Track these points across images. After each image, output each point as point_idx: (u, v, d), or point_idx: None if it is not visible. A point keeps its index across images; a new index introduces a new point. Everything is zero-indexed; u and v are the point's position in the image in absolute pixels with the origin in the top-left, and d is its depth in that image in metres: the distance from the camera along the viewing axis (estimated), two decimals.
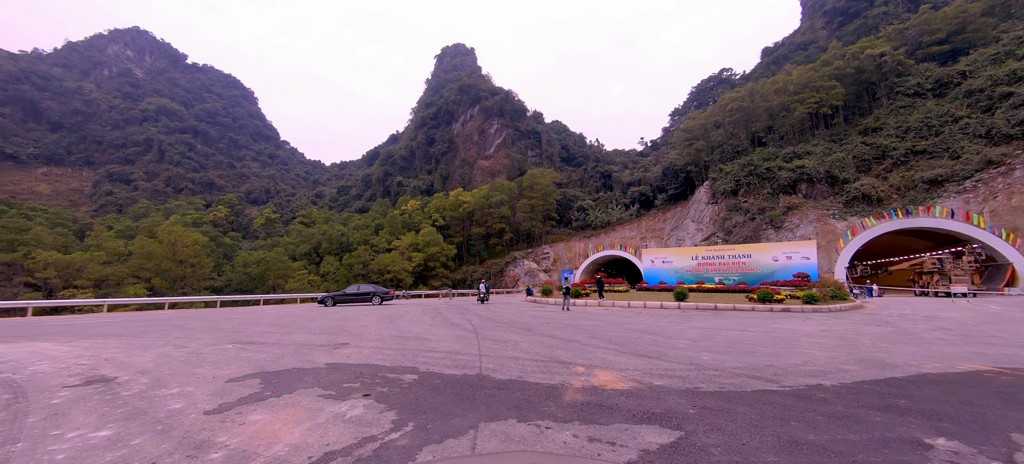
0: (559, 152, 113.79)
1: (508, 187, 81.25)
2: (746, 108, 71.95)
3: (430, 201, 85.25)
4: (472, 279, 72.84)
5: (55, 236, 49.16)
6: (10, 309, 20.21)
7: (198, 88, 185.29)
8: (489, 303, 25.10)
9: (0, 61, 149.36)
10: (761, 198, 56.80)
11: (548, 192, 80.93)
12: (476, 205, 78.71)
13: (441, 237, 70.63)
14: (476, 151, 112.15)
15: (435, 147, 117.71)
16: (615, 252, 70.07)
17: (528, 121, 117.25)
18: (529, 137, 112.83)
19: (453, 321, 12.32)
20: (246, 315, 16.31)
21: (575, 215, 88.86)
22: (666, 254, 46.59)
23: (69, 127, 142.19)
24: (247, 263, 57.48)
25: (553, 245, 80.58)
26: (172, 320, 14.17)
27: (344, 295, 24.18)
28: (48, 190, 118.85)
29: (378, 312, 16.85)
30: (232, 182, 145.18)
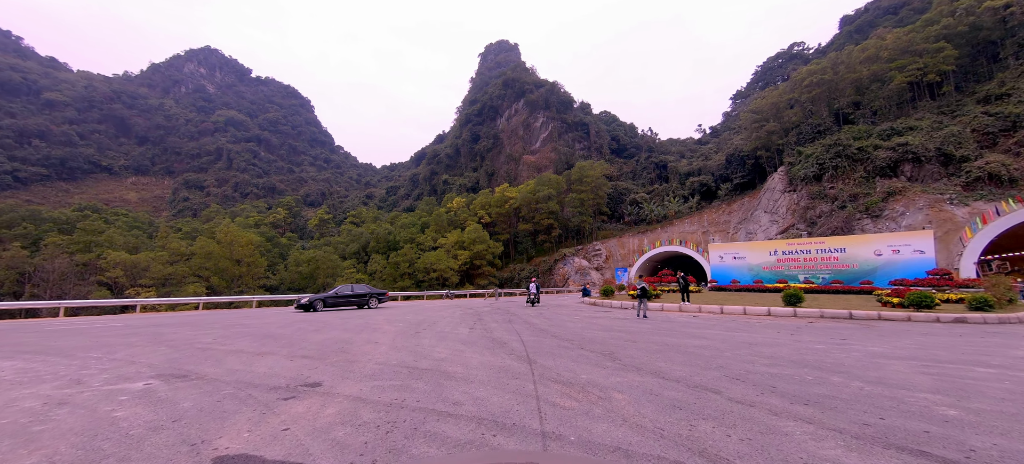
0: (608, 144, 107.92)
1: (556, 181, 77.31)
2: (828, 82, 63.04)
3: (475, 198, 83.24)
4: (519, 277, 69.80)
5: (127, 238, 52.14)
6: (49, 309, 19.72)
7: (261, 99, 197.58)
8: (540, 306, 21.69)
9: (97, 84, 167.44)
10: (852, 183, 48.77)
11: (598, 185, 76.05)
12: (522, 201, 75.53)
13: (487, 234, 68.16)
14: (521, 146, 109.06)
15: (480, 144, 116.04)
16: (674, 248, 64.14)
17: (575, 113, 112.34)
18: (576, 129, 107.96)
19: (496, 336, 9.01)
20: (248, 321, 14.03)
21: (628, 209, 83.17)
22: (738, 249, 41.00)
23: (153, 140, 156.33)
24: (299, 262, 58.17)
25: (605, 241, 75.63)
26: (150, 326, 12.11)
27: (336, 297, 19.82)
28: (135, 197, 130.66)
29: (402, 319, 13.89)
30: (291, 186, 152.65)
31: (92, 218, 56.14)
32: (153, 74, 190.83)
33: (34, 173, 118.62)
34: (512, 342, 8.10)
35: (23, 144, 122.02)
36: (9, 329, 12.15)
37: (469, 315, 15.26)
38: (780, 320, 12.74)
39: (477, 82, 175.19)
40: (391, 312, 17.00)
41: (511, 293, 58.12)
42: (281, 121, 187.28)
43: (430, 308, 20.67)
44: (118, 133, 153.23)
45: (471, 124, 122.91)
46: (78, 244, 46.34)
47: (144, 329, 11.09)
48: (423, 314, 15.96)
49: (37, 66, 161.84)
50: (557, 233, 75.01)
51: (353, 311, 18.40)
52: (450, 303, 27.50)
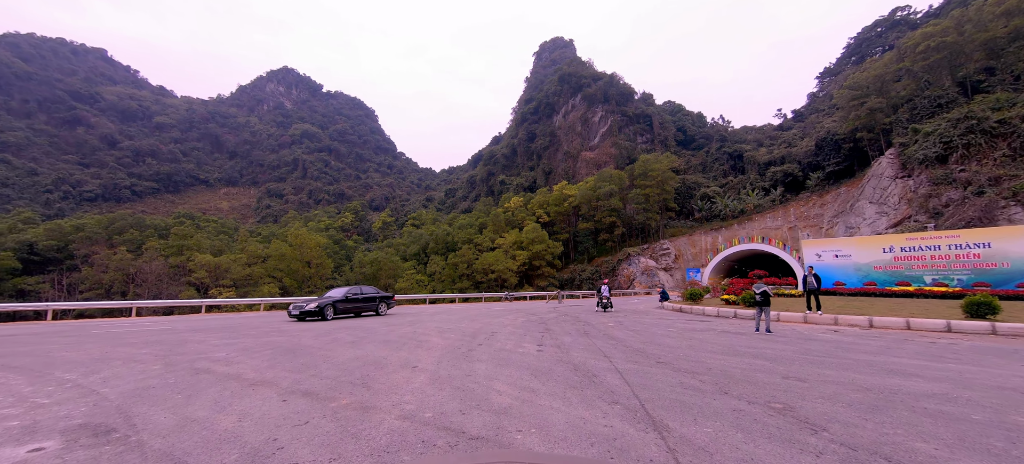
0: (674, 135, 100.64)
1: (617, 176, 72.91)
2: (949, 45, 52.97)
3: (533, 197, 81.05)
4: (581, 278, 66.46)
5: (214, 242, 56.49)
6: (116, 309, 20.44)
7: (331, 112, 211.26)
8: (614, 311, 18.80)
9: (196, 107, 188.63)
10: (992, 164, 39.98)
11: (665, 179, 70.49)
12: (582, 198, 72.05)
13: (546, 234, 65.62)
14: (579, 142, 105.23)
15: (536, 142, 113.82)
16: (755, 246, 57.44)
17: (636, 104, 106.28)
18: (638, 122, 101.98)
19: (577, 360, 6.51)
20: (290, 328, 12.71)
21: (698, 204, 76.48)
22: (840, 246, 34.96)
23: (241, 154, 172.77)
24: (363, 263, 59.63)
25: (674, 240, 69.94)
26: (189, 331, 11.07)
27: (347, 301, 16.38)
28: (227, 206, 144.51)
29: (455, 327, 11.75)
30: (358, 191, 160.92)
31: (186, 224, 61.76)
32: (241, 95, 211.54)
33: (147, 187, 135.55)
34: (604, 373, 5.54)
35: (138, 162, 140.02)
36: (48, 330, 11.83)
37: (534, 323, 12.87)
38: (978, 340, 8.92)
39: (532, 81, 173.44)
40: (445, 319, 15.09)
41: (573, 295, 55.04)
42: (349, 131, 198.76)
43: (488, 312, 18.60)
44: (213, 149, 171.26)
45: (527, 123, 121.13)
46: (172, 248, 50.71)
47: (177, 334, 10.05)
48: (480, 321, 13.84)
49: (149, 94, 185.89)
50: (620, 231, 70.60)
51: (388, 318, 16.59)
52: (509, 306, 25.35)
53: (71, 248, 50.31)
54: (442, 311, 20.21)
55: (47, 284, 48.06)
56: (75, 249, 49.97)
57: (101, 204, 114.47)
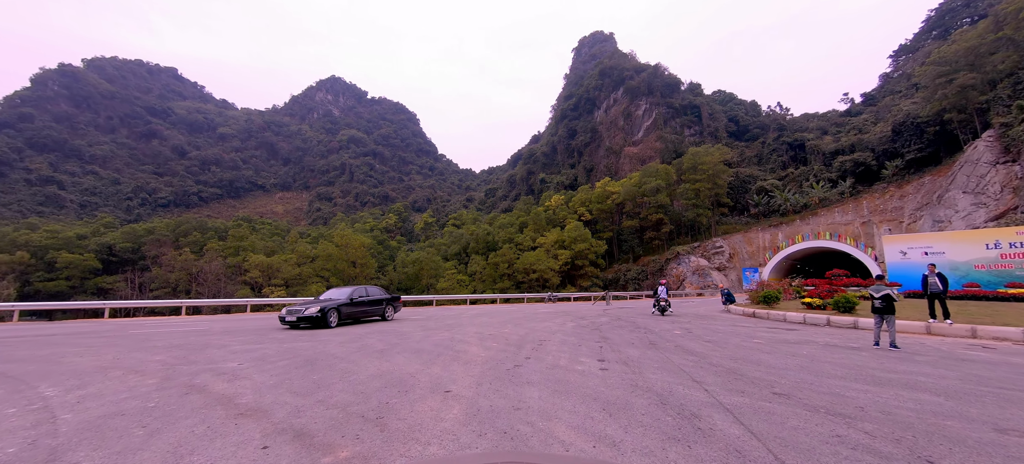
0: (725, 126, 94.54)
1: (664, 171, 69.18)
2: None
3: (574, 195, 78.76)
4: (626, 278, 63.59)
5: (267, 243, 59.12)
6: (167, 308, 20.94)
7: (375, 117, 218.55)
8: (674, 315, 16.80)
9: (254, 118, 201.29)
10: None
11: (717, 173, 66.03)
12: (626, 195, 68.96)
13: (589, 233, 63.29)
14: (622, 137, 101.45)
15: (577, 139, 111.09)
16: (822, 243, 52.61)
17: (682, 95, 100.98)
18: (685, 113, 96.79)
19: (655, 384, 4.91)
20: (320, 333, 11.89)
21: (754, 199, 71.14)
22: (930, 241, 30.85)
23: (293, 161, 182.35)
24: (405, 263, 60.20)
25: (727, 237, 65.38)
26: (217, 334, 10.46)
27: (351, 304, 13.53)
28: (281, 209, 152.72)
29: (498, 334, 10.38)
30: (401, 193, 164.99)
31: (243, 227, 65.22)
32: (293, 105, 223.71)
33: (212, 193, 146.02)
34: (707, 411, 3.94)
35: (204, 170, 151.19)
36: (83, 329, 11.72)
37: (586, 329, 11.31)
38: None
39: (571, 78, 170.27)
40: (486, 322, 13.83)
41: (619, 296, 52.46)
42: (392, 135, 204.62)
43: (532, 315, 17.19)
44: (269, 156, 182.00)
45: (567, 120, 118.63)
46: (230, 249, 53.43)
47: (205, 337, 9.44)
48: (525, 326, 12.45)
49: (214, 107, 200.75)
50: (668, 229, 66.89)
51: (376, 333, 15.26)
52: (553, 308, 23.80)
53: (143, 249, 54.28)
54: (483, 313, 19.04)
55: (123, 282, 52.05)
56: (146, 250, 53.86)
57: (173, 209, 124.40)
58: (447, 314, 18.11)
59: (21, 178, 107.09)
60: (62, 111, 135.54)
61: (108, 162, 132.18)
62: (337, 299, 13.33)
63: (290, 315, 11.77)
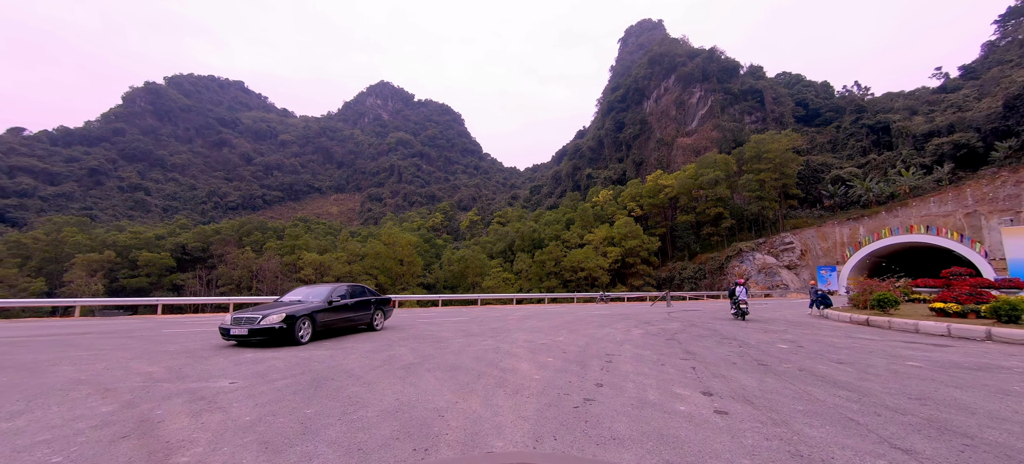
0: (792, 111, 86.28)
1: (723, 162, 64.00)
2: None
3: (623, 190, 75.13)
4: (681, 277, 59.40)
5: (321, 242, 61.18)
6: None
7: (422, 119, 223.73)
8: (756, 320, 14.20)
9: (311, 124, 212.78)
10: None
11: (784, 161, 60.00)
12: (681, 188, 64.55)
13: (640, 229, 59.81)
14: (674, 128, 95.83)
15: (625, 132, 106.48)
16: (917, 237, 46.34)
17: (742, 80, 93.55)
18: (745, 99, 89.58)
19: (828, 453, 2.95)
20: (347, 340, 10.67)
21: (828, 190, 64.13)
22: None
23: (347, 164, 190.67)
24: (450, 261, 59.97)
25: (798, 232, 59.34)
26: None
27: (331, 309, 9.67)
28: (336, 210, 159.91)
29: (552, 344, 8.53)
30: (447, 193, 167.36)
31: (298, 226, 68.09)
32: (346, 110, 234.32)
33: (275, 196, 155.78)
34: None
35: (268, 174, 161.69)
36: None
37: (659, 339, 9.26)
38: None
39: (618, 69, 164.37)
40: (536, 326, 12.10)
41: (676, 297, 48.60)
42: (438, 136, 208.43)
43: (587, 318, 15.24)
44: (325, 160, 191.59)
45: (614, 112, 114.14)
46: (286, 248, 55.70)
47: (223, 341, 8.48)
48: (583, 332, 10.58)
49: (276, 116, 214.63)
50: (728, 224, 61.75)
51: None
52: (609, 310, 21.62)
53: (211, 249, 57.93)
54: (532, 314, 17.32)
55: (194, 279, 55.77)
56: (214, 249, 57.43)
57: (240, 211, 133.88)
58: (492, 316, 16.58)
59: (115, 185, 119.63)
60: (148, 125, 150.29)
61: (186, 169, 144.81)
62: (311, 303, 9.24)
63: (239, 326, 7.84)
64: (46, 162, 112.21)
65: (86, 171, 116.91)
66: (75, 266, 48.00)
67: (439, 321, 13.87)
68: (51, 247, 51.87)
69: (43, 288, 45.46)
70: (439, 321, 13.87)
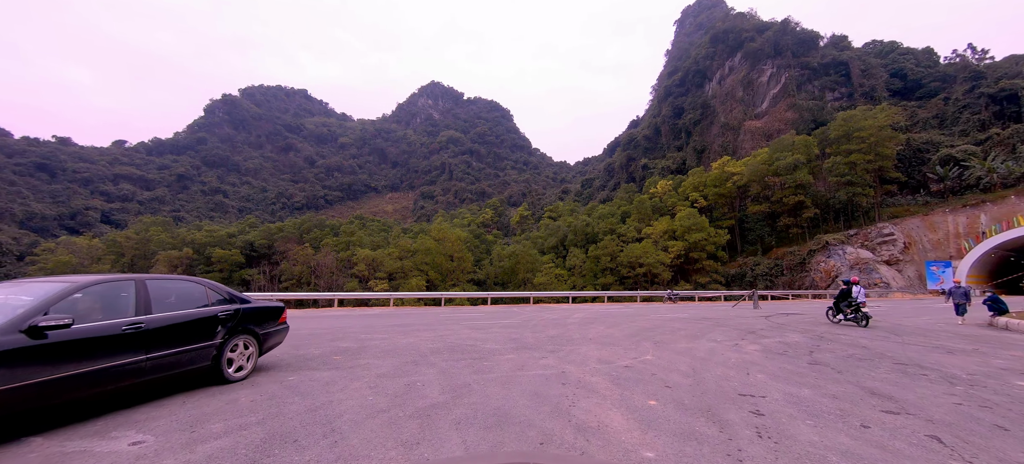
0: (886, 83, 75.28)
1: (802, 144, 56.85)
2: None
3: (685, 179, 69.50)
4: (753, 274, 53.51)
5: (374, 238, 62.17)
6: None
7: (472, 116, 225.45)
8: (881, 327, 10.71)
9: (367, 127, 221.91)
10: None
11: (881, 140, 52.01)
12: (751, 175, 58.25)
13: (706, 221, 54.63)
14: (741, 111, 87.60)
15: (684, 118, 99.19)
16: None
17: (823, 52, 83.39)
18: (826, 73, 79.72)
19: None
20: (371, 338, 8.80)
21: (937, 172, 54.99)
22: None
23: (400, 163, 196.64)
24: (500, 257, 58.41)
25: (899, 222, 51.43)
26: None
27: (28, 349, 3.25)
28: (391, 209, 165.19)
29: (644, 373, 5.60)
30: (496, 189, 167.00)
31: (353, 223, 69.90)
32: (399, 112, 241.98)
33: (335, 196, 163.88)
34: None
35: (329, 176, 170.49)
36: None
37: (791, 360, 6.49)
38: None
39: (674, 53, 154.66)
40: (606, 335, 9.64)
41: (753, 296, 43.18)
42: (487, 133, 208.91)
43: (667, 324, 12.44)
44: (380, 161, 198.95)
45: (672, 97, 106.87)
46: (341, 244, 57.01)
47: None
48: (671, 344, 7.98)
49: (336, 121, 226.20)
50: (810, 214, 54.75)
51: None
52: (684, 311, 18.50)
53: (275, 246, 60.73)
54: (594, 317, 14.77)
55: (260, 275, 58.73)
56: (277, 246, 60.14)
57: (305, 211, 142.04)
58: (548, 318, 14.24)
59: (198, 189, 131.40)
60: (225, 133, 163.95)
61: (258, 173, 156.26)
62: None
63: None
64: (142, 170, 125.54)
65: (175, 177, 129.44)
66: (158, 262, 52.00)
67: (485, 324, 11.77)
68: (140, 245, 56.76)
69: None
70: (485, 324, 11.77)
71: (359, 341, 8.05)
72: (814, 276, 49.91)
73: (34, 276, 39.20)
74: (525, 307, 22.32)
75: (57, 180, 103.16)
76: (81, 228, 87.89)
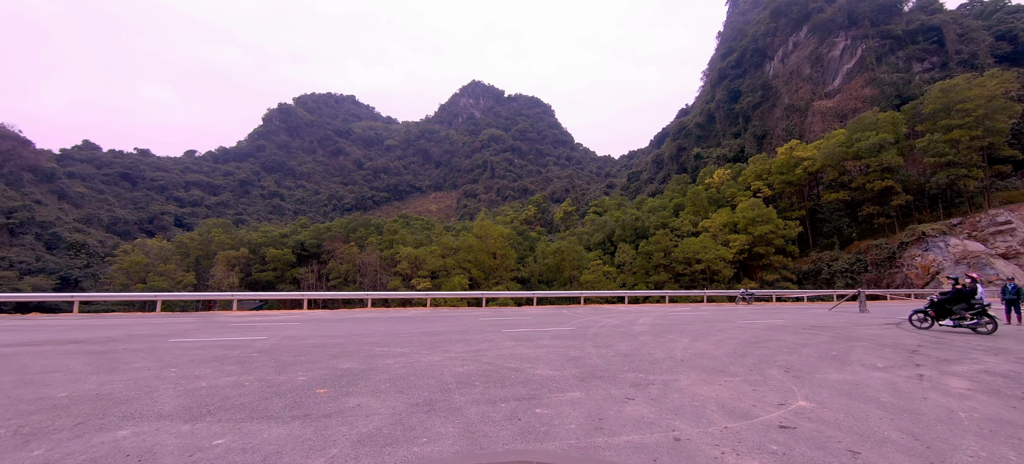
0: (990, 47, 64.64)
1: (889, 121, 49.82)
2: None
3: (745, 168, 63.62)
4: (830, 271, 47.54)
5: (416, 237, 61.95)
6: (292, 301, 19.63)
7: (513, 114, 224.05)
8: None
9: (412, 129, 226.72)
10: None
11: (991, 112, 44.23)
12: (826, 159, 52.01)
13: (774, 211, 49.26)
14: (809, 90, 79.29)
15: (742, 102, 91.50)
16: None
17: (908, 17, 73.44)
18: (913, 41, 70.05)
19: None
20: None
21: None
22: None
23: (443, 163, 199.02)
24: (545, 254, 56.06)
25: (1015, 208, 43.62)
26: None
27: None
28: (435, 208, 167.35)
29: (783, 418, 3.79)
30: (539, 185, 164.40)
31: (397, 222, 70.31)
32: (441, 112, 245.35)
33: (382, 196, 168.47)
34: None
35: (376, 177, 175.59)
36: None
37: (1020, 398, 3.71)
38: None
39: (727, 34, 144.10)
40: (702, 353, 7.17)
41: (822, 297, 37.68)
42: (529, 129, 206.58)
43: (770, 336, 9.61)
44: (424, 161, 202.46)
45: (727, 81, 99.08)
46: (385, 242, 57.14)
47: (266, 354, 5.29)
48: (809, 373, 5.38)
49: (381, 124, 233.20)
50: (899, 201, 47.70)
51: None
52: (769, 315, 15.29)
53: (324, 245, 62.09)
54: (666, 325, 12.10)
55: (310, 273, 60.22)
56: (326, 246, 61.44)
57: (354, 212, 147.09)
58: (608, 324, 11.77)
59: (258, 193, 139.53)
60: (281, 140, 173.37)
61: (311, 177, 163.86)
62: None
63: None
64: (209, 177, 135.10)
65: (237, 182, 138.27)
66: (218, 262, 54.50)
67: (532, 332, 9.54)
68: (203, 246, 59.93)
69: (193, 281, 52.15)
70: (532, 332, 9.54)
71: (368, 358, 6.14)
72: (907, 272, 43.25)
73: (113, 275, 41.71)
74: (576, 308, 19.89)
75: (137, 188, 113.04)
76: (157, 231, 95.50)
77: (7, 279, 52.01)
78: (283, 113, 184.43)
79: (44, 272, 61.98)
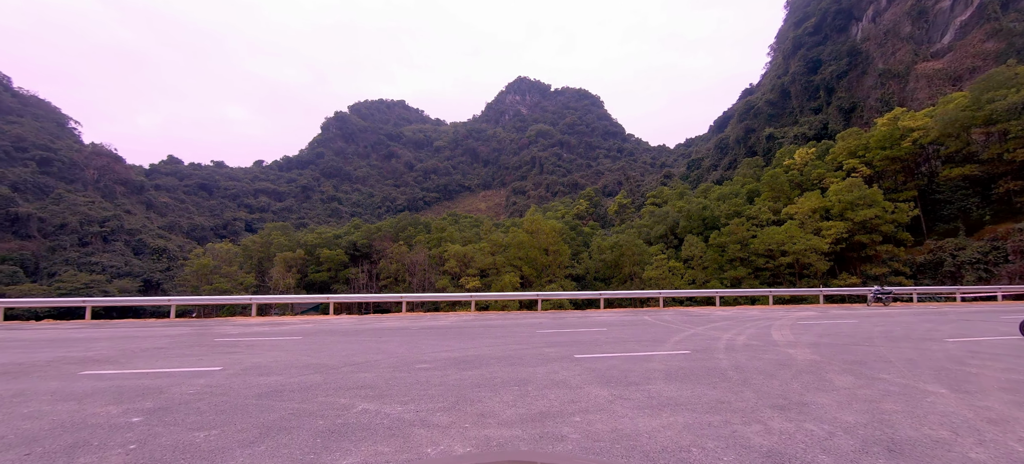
0: None
1: None
2: None
3: (834, 146, 55.12)
4: (955, 262, 39.01)
5: (465, 234, 60.09)
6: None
7: (560, 108, 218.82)
8: None
9: (459, 129, 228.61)
10: None
11: None
12: (945, 128, 43.23)
13: (879, 193, 41.52)
14: (909, 51, 67.88)
15: (823, 71, 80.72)
16: None
17: None
18: None
19: None
20: None
21: None
22: None
23: (491, 161, 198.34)
24: (601, 249, 51.78)
25: None
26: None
27: None
28: (484, 206, 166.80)
29: None
30: (590, 179, 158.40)
31: (445, 220, 69.08)
32: (488, 111, 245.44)
33: (432, 197, 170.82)
34: None
35: (426, 178, 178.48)
36: None
37: None
38: None
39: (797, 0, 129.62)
40: (966, 424, 3.31)
41: (931, 297, 29.98)
42: (577, 123, 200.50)
43: (984, 358, 5.46)
44: (472, 160, 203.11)
45: (803, 50, 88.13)
46: (433, 240, 55.72)
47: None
48: None
49: (431, 126, 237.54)
50: None
51: None
52: (941, 321, 10.59)
53: (374, 245, 62.06)
54: (836, 343, 8.10)
55: (361, 273, 60.36)
56: (376, 245, 61.33)
57: (406, 213, 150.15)
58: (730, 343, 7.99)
59: (318, 198, 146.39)
60: (338, 146, 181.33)
61: (365, 181, 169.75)
62: None
63: None
64: (275, 184, 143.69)
65: (300, 188, 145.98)
66: (276, 263, 55.91)
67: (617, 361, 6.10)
68: (263, 248, 62.09)
69: (254, 282, 53.68)
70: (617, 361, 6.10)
71: (339, 416, 3.04)
72: None
73: (186, 277, 43.30)
74: (658, 312, 16.03)
75: (213, 196, 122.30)
76: (228, 236, 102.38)
77: (98, 282, 56.71)
78: (339, 121, 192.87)
79: (131, 275, 67.36)
